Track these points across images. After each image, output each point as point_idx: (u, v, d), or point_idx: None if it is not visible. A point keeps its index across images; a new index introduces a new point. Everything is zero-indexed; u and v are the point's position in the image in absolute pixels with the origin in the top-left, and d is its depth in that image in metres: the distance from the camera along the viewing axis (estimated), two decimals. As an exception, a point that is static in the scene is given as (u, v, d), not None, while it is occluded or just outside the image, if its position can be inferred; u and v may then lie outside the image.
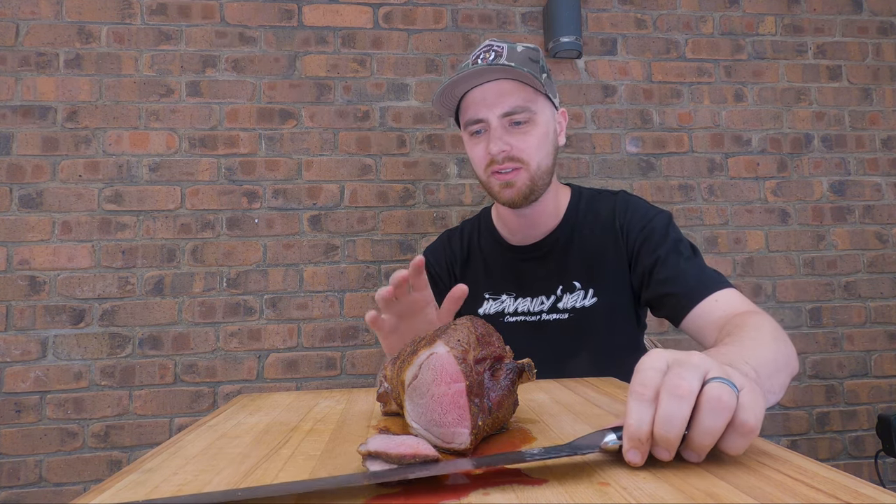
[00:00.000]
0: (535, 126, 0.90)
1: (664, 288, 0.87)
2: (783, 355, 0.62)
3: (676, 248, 0.89)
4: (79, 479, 1.62)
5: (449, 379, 0.44)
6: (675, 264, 0.87)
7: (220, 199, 1.75)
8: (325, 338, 1.76)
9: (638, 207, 0.97)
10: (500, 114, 0.88)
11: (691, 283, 0.84)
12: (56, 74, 1.72)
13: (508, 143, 0.88)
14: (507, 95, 0.88)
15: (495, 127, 0.88)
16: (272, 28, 1.82)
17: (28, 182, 1.68)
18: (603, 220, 0.98)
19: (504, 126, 0.88)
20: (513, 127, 0.89)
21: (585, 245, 0.97)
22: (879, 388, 1.92)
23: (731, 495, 0.33)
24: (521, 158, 0.89)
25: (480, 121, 0.90)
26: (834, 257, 1.95)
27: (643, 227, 0.93)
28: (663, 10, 1.97)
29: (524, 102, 0.88)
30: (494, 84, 0.88)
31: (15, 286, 1.65)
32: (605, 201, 1.00)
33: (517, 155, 0.89)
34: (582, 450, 0.39)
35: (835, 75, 2.02)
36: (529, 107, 0.89)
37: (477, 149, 0.92)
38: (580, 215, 1.00)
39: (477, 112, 0.89)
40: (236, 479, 0.40)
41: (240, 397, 0.73)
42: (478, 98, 0.89)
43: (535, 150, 0.90)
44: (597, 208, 1.00)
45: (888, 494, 0.32)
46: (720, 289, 0.82)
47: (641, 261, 0.92)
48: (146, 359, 1.68)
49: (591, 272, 0.96)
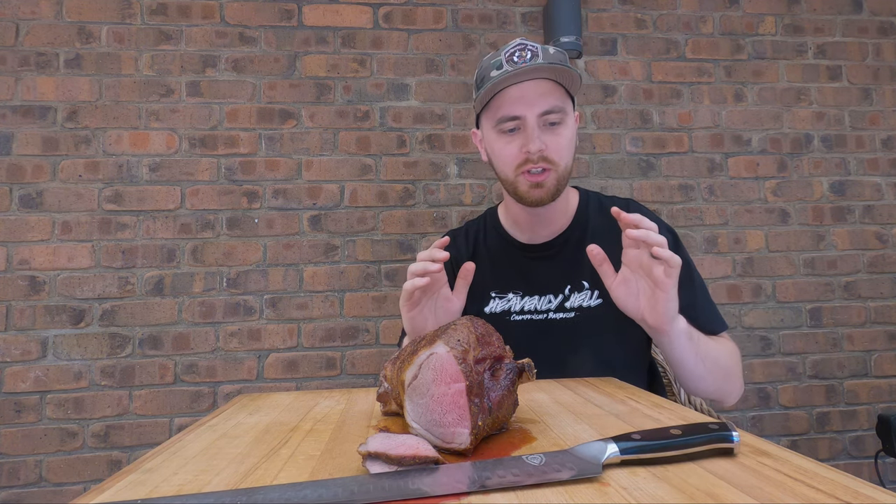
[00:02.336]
0: (567, 127, 0.90)
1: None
2: (723, 359, 0.86)
3: (689, 275, 0.92)
4: (79, 479, 1.62)
5: (449, 379, 0.44)
6: (689, 294, 0.90)
7: (220, 199, 1.75)
8: (325, 338, 1.76)
9: (650, 218, 0.97)
10: (539, 112, 0.88)
11: (700, 320, 0.89)
12: (56, 74, 1.72)
13: (545, 142, 0.88)
14: (547, 95, 0.88)
15: (532, 126, 0.88)
16: (272, 28, 1.82)
17: (28, 182, 1.68)
18: (615, 224, 0.98)
19: (540, 125, 0.89)
20: (547, 127, 0.89)
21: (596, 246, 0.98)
22: (879, 388, 1.92)
23: (731, 495, 0.33)
24: (552, 159, 0.89)
25: (517, 118, 0.89)
26: (834, 257, 1.95)
27: None
28: (663, 10, 1.97)
29: (560, 102, 0.89)
30: (532, 83, 0.88)
31: (15, 286, 1.65)
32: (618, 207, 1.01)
33: (550, 156, 0.89)
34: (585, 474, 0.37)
35: (835, 75, 2.02)
36: (563, 107, 0.89)
37: (509, 147, 0.91)
38: (591, 216, 1.01)
39: (513, 109, 0.89)
40: (236, 480, 0.40)
41: (240, 397, 0.73)
42: (515, 95, 0.88)
43: (566, 152, 0.91)
44: (608, 213, 1.00)
45: (888, 494, 0.32)
46: (720, 332, 0.93)
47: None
48: (146, 359, 1.68)
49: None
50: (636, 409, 0.57)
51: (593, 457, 0.39)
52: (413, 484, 0.36)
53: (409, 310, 0.80)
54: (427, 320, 0.83)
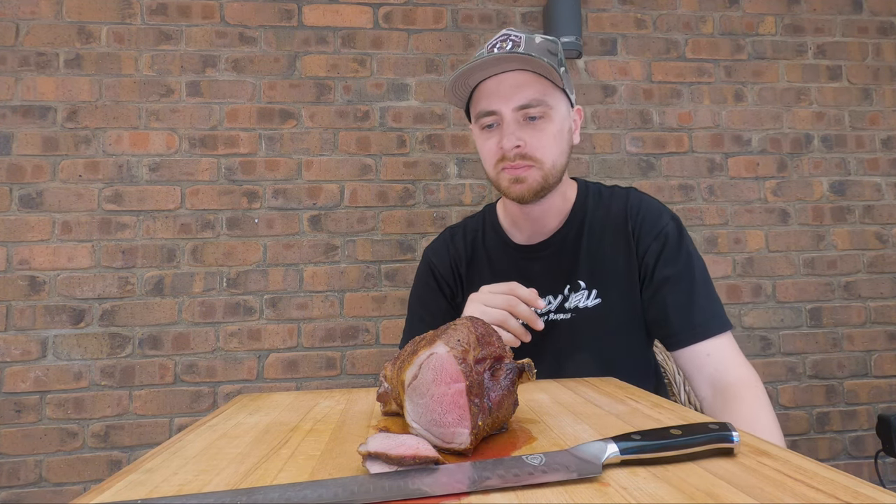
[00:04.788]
0: (551, 122, 0.85)
1: (666, 314, 0.87)
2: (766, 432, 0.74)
3: (689, 269, 0.88)
4: (79, 479, 1.62)
5: (449, 379, 0.44)
6: (686, 290, 0.87)
7: (220, 199, 1.75)
8: (325, 338, 1.76)
9: (651, 209, 0.94)
10: (515, 106, 0.83)
11: (695, 321, 0.85)
12: (56, 74, 1.72)
13: (522, 138, 0.84)
14: (524, 87, 0.83)
15: (509, 121, 0.84)
16: (272, 28, 1.82)
17: (28, 182, 1.68)
18: (614, 219, 0.94)
19: (518, 120, 0.84)
20: (527, 122, 0.85)
21: (594, 244, 0.94)
22: (879, 388, 1.92)
23: (731, 495, 0.33)
24: (534, 157, 0.85)
25: (493, 113, 0.85)
26: (834, 257, 1.95)
27: (657, 235, 0.90)
28: (663, 10, 1.97)
29: (540, 95, 0.84)
30: (510, 75, 0.84)
31: (15, 286, 1.65)
32: (617, 199, 0.96)
33: (531, 153, 0.85)
34: (585, 474, 0.38)
35: (835, 75, 2.02)
36: (546, 100, 0.84)
37: (488, 143, 0.88)
38: (589, 211, 0.96)
39: (490, 104, 0.85)
40: (236, 479, 0.40)
41: (240, 397, 0.73)
42: (492, 89, 0.85)
43: (550, 148, 0.86)
44: (607, 205, 0.96)
45: (888, 494, 0.32)
46: (716, 334, 0.85)
47: (653, 274, 0.90)
48: (146, 359, 1.68)
49: (597, 272, 0.93)
50: (636, 409, 0.57)
51: (593, 457, 0.39)
52: (413, 484, 0.36)
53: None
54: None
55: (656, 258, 0.90)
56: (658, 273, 0.90)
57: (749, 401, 0.77)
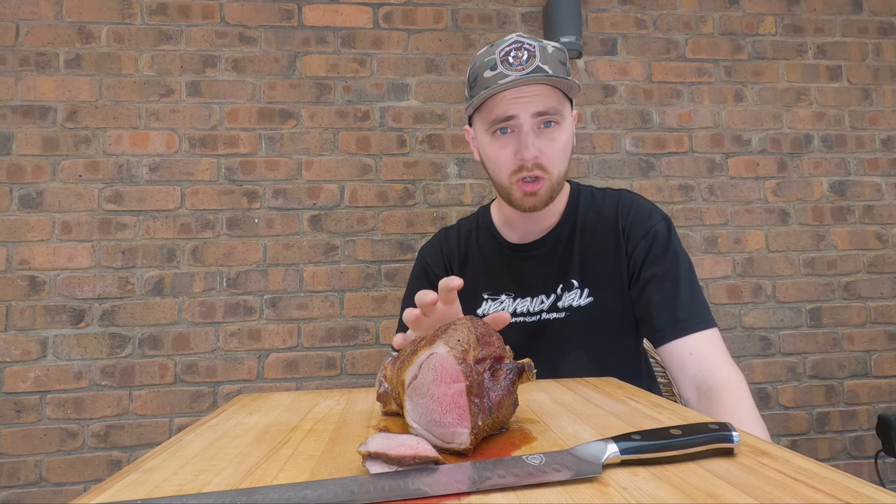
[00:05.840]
0: (562, 131, 0.87)
1: (650, 310, 0.88)
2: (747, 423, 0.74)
3: (675, 267, 0.89)
4: (79, 479, 1.62)
5: (449, 379, 0.44)
6: (670, 287, 0.87)
7: (220, 199, 1.75)
8: (325, 338, 1.76)
9: (641, 209, 0.95)
10: (534, 112, 0.84)
11: (678, 317, 0.85)
12: (56, 74, 1.72)
13: (539, 147, 0.85)
14: (543, 95, 0.84)
15: (527, 130, 0.85)
16: (272, 28, 1.82)
17: (28, 182, 1.68)
18: (605, 219, 0.96)
19: (534, 128, 0.85)
20: (542, 129, 0.86)
21: (586, 243, 0.95)
22: (879, 388, 1.92)
23: (731, 495, 0.33)
24: (545, 167, 0.86)
25: (511, 118, 0.85)
26: (834, 257, 1.95)
27: (645, 234, 0.92)
28: (663, 10, 1.97)
29: (556, 104, 0.85)
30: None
31: (15, 286, 1.65)
32: (609, 200, 0.98)
33: (543, 163, 0.86)
34: (585, 474, 0.38)
35: (835, 75, 2.02)
36: (560, 109, 0.86)
37: (504, 151, 0.87)
38: (581, 212, 0.98)
39: (508, 109, 0.85)
40: (236, 479, 0.40)
41: (240, 397, 0.73)
42: (510, 95, 0.85)
43: (560, 159, 0.87)
44: (599, 206, 0.98)
45: (888, 494, 0.32)
46: (698, 330, 0.84)
47: (640, 272, 0.91)
48: (146, 359, 1.68)
49: (589, 271, 0.94)
50: (636, 409, 0.57)
51: (593, 457, 0.39)
52: (413, 484, 0.36)
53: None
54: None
55: (644, 256, 0.91)
56: (645, 271, 0.91)
57: (732, 404, 0.76)
